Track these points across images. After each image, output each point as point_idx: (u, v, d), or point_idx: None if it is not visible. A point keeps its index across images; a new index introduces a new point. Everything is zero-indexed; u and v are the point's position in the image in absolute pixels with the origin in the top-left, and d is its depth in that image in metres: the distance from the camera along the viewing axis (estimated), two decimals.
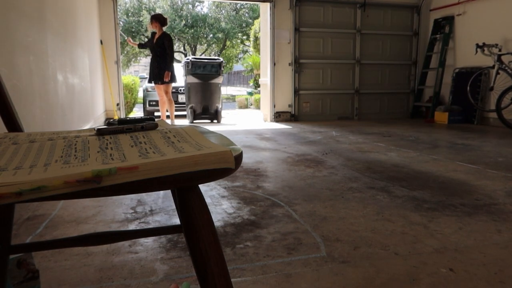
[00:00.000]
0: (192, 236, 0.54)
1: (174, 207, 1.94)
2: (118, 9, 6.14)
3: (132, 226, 1.72)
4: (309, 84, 6.83)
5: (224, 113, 8.51)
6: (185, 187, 0.54)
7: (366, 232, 1.63)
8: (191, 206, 0.55)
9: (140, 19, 19.13)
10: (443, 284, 1.20)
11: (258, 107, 10.99)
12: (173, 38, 7.10)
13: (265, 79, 7.15)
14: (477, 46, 5.56)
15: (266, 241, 1.54)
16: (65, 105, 3.67)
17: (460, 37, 6.38)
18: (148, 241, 1.53)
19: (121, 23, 18.67)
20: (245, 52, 22.63)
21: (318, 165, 2.96)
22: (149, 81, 6.09)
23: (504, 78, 5.35)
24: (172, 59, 5.88)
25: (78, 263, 1.35)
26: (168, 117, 6.31)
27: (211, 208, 1.92)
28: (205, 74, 6.81)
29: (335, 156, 3.36)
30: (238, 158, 0.52)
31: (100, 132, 0.68)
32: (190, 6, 21.30)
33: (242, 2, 6.77)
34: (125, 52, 20.53)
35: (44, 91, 3.01)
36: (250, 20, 20.84)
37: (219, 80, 7.16)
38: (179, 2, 21.03)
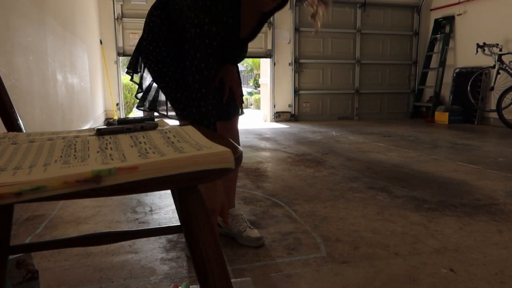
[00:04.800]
0: (192, 236, 0.54)
1: (174, 207, 1.94)
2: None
3: (132, 226, 1.72)
4: (309, 84, 6.83)
5: None
6: (185, 187, 0.54)
7: (366, 232, 1.63)
8: (191, 206, 0.54)
9: None
10: (443, 285, 1.20)
11: (258, 107, 11.00)
12: None
13: (265, 79, 7.15)
14: (478, 46, 5.56)
15: (266, 241, 1.53)
16: (65, 105, 3.67)
17: (461, 37, 6.38)
18: (148, 241, 1.53)
19: None
20: None
21: (318, 165, 2.96)
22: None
23: (505, 78, 5.35)
24: None
25: (78, 263, 1.35)
26: None
27: None
28: None
29: (335, 156, 3.36)
30: (238, 158, 0.52)
31: (99, 132, 0.68)
32: None
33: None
34: None
35: (44, 91, 3.01)
36: None
37: None
38: None
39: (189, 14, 1.11)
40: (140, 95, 1.51)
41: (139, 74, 1.47)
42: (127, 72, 1.48)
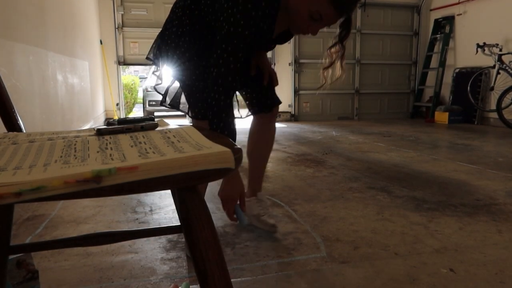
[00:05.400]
0: (192, 236, 0.54)
1: (174, 207, 1.94)
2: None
3: (132, 226, 1.72)
4: (309, 84, 6.83)
5: None
6: (185, 187, 0.54)
7: (366, 232, 1.63)
8: (191, 206, 0.54)
9: None
10: (443, 284, 1.20)
11: None
12: None
13: None
14: (478, 46, 5.56)
15: (266, 241, 1.53)
16: (65, 105, 3.67)
17: (461, 37, 6.38)
18: (148, 241, 1.53)
19: None
20: None
21: (318, 165, 2.95)
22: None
23: (505, 78, 5.34)
24: None
25: (78, 263, 1.35)
26: None
27: (211, 208, 1.91)
28: None
29: (335, 156, 3.36)
30: (238, 158, 0.52)
31: (99, 132, 0.67)
32: None
33: None
34: None
35: (44, 91, 3.01)
36: None
37: None
38: None
39: (226, 11, 1.09)
40: (159, 86, 1.46)
41: (159, 65, 1.39)
42: (147, 57, 1.39)
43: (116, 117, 6.61)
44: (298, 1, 1.10)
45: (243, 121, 1.72)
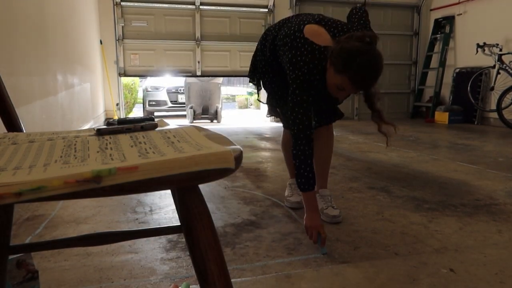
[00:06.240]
0: (192, 236, 0.54)
1: (174, 207, 1.94)
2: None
3: (132, 226, 1.72)
4: None
5: (224, 113, 8.49)
6: (185, 187, 0.54)
7: (366, 232, 1.63)
8: (191, 206, 0.54)
9: None
10: (443, 285, 1.20)
11: (258, 107, 10.98)
12: None
13: None
14: (478, 46, 5.56)
15: (266, 241, 1.53)
16: (65, 105, 3.67)
17: (461, 37, 6.38)
18: (148, 241, 1.53)
19: None
20: None
21: None
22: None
23: (505, 78, 5.34)
24: None
25: (78, 263, 1.35)
26: None
27: (211, 208, 1.91)
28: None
29: (335, 156, 3.35)
30: (238, 158, 0.52)
31: (99, 132, 0.67)
32: None
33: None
34: None
35: (44, 91, 3.01)
36: None
37: (219, 80, 7.15)
38: None
39: (292, 85, 1.51)
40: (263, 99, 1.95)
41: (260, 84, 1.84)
42: (250, 81, 1.86)
43: (116, 117, 6.61)
44: (330, 77, 1.47)
45: (243, 121, 1.73)
